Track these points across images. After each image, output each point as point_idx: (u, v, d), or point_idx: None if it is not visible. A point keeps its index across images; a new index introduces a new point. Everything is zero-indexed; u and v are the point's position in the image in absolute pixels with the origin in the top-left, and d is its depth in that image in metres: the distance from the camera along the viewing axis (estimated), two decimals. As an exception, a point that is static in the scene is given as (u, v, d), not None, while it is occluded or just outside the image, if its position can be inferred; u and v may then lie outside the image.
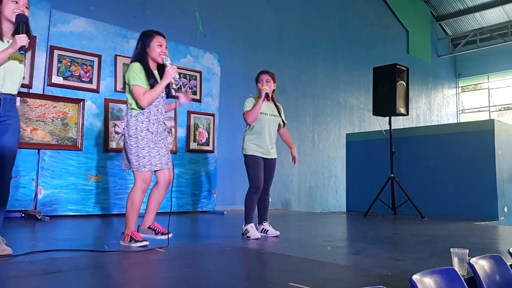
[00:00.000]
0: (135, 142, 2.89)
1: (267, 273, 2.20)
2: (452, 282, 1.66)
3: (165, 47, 3.11)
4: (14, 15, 2.38)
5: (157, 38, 3.12)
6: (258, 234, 3.53)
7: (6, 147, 2.44)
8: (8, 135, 2.45)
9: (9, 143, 2.46)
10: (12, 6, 2.39)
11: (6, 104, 2.43)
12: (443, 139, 6.26)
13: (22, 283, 1.90)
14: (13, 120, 2.48)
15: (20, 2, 2.41)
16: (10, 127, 2.46)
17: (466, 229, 4.41)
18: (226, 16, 7.69)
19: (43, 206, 4.71)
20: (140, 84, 2.91)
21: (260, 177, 3.64)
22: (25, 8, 2.44)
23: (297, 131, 8.88)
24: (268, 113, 3.74)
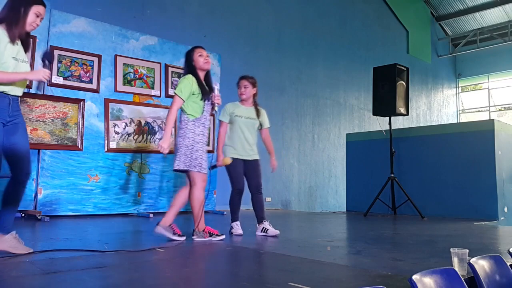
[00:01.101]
0: (191, 144, 3.19)
1: (267, 273, 2.20)
2: (452, 282, 1.66)
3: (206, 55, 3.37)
4: (31, 27, 2.53)
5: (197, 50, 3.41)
6: (240, 230, 3.65)
7: (19, 144, 2.52)
8: (19, 134, 2.53)
9: (22, 141, 2.54)
10: (33, 18, 2.52)
11: (14, 104, 2.52)
12: (443, 139, 6.26)
13: (22, 283, 1.90)
14: (21, 118, 2.57)
15: (40, 16, 2.55)
16: (19, 126, 2.54)
17: (466, 229, 4.41)
18: (226, 16, 7.69)
19: (43, 206, 4.71)
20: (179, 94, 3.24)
21: (239, 179, 3.71)
22: (40, 20, 2.58)
23: (297, 131, 8.88)
24: (243, 116, 3.79)
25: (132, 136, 5.52)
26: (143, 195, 5.51)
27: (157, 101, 5.84)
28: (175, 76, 6.09)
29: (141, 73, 5.74)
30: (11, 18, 2.46)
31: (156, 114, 5.77)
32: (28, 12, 2.50)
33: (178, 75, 6.13)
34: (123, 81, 5.55)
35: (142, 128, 5.63)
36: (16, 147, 2.50)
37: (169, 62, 6.06)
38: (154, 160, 5.66)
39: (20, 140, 2.52)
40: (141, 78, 5.73)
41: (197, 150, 3.20)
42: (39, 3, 2.54)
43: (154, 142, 5.71)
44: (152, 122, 5.73)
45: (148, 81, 5.79)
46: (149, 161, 5.63)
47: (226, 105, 3.83)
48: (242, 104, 3.84)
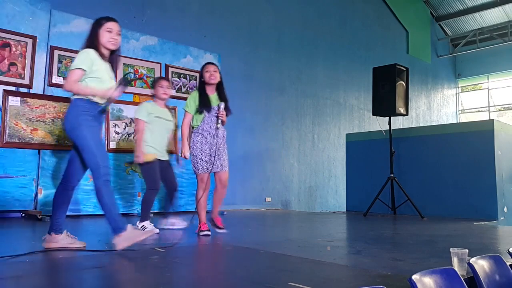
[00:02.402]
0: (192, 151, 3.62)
1: (267, 273, 2.20)
2: (452, 282, 1.66)
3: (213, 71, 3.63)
4: (110, 43, 2.75)
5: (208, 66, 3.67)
6: (155, 229, 3.64)
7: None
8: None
9: None
10: (107, 36, 2.74)
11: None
12: (443, 139, 6.26)
13: (22, 283, 1.90)
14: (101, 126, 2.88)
15: (114, 31, 2.76)
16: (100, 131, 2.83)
17: (466, 229, 4.41)
18: (226, 16, 7.69)
19: (44, 206, 4.71)
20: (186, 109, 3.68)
21: (158, 178, 3.85)
22: (118, 35, 2.78)
23: (297, 131, 8.88)
24: (162, 117, 3.88)
25: (132, 136, 5.53)
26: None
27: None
28: (175, 76, 6.10)
29: (141, 73, 5.74)
30: (91, 43, 2.74)
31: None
32: (99, 33, 2.74)
33: (178, 75, 6.14)
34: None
35: (142, 128, 5.62)
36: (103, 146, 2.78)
37: (169, 62, 6.06)
38: (154, 160, 5.66)
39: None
40: (141, 78, 5.74)
41: (195, 155, 3.59)
42: (107, 20, 2.78)
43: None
44: (152, 122, 5.73)
45: (148, 81, 5.79)
46: (149, 161, 5.63)
47: (145, 104, 3.92)
48: (158, 104, 3.91)
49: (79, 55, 2.70)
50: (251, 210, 7.10)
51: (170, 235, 3.53)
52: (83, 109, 2.66)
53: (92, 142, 2.63)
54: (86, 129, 2.63)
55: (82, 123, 2.63)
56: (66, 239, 2.71)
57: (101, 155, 2.66)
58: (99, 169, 2.62)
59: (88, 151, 2.63)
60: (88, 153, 2.64)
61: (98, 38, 2.75)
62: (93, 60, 2.68)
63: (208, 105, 3.58)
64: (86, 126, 2.64)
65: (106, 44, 2.75)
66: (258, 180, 7.92)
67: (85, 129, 2.63)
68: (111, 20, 2.79)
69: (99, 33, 2.76)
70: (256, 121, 7.98)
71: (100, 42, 2.75)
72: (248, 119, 7.80)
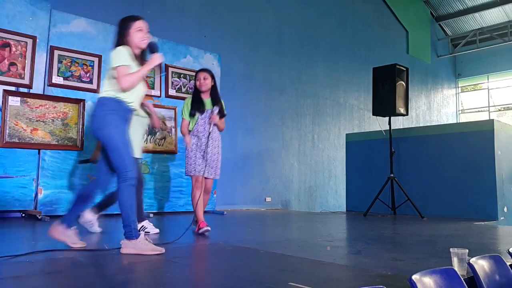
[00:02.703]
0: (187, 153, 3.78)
1: (267, 273, 2.20)
2: (451, 282, 1.66)
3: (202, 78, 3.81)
4: (143, 42, 2.72)
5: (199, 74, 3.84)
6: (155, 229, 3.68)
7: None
8: None
9: None
10: (139, 35, 2.71)
11: None
12: (443, 139, 6.26)
13: (22, 283, 1.90)
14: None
15: (144, 29, 2.73)
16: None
17: (466, 229, 4.41)
18: (226, 16, 7.69)
19: (44, 206, 4.71)
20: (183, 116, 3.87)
21: None
22: (148, 33, 2.76)
23: (297, 131, 8.88)
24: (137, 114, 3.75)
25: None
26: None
27: (157, 101, 5.84)
28: (175, 76, 6.10)
29: (141, 73, 5.74)
30: (122, 42, 2.67)
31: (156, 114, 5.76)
32: (129, 33, 2.68)
33: (178, 75, 6.14)
34: (123, 81, 5.56)
35: (142, 128, 5.62)
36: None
37: (169, 62, 6.06)
38: (154, 160, 5.66)
39: None
40: (141, 78, 5.73)
41: (190, 157, 3.75)
42: (135, 19, 2.73)
43: (154, 142, 5.71)
44: (152, 122, 5.73)
45: (148, 81, 5.79)
46: (149, 161, 5.64)
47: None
48: None
49: (117, 53, 2.62)
50: (251, 210, 7.10)
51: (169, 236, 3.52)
52: (110, 107, 2.60)
53: (120, 143, 2.58)
54: (114, 130, 2.57)
55: (109, 123, 2.57)
56: (71, 237, 2.69)
57: (128, 157, 2.60)
58: (126, 172, 2.58)
59: (115, 152, 2.58)
60: (115, 154, 2.59)
61: (130, 39, 2.69)
62: (130, 57, 2.65)
63: (201, 108, 3.74)
64: (113, 126, 2.57)
65: (139, 44, 2.71)
66: (258, 180, 7.92)
67: (113, 129, 2.57)
68: (139, 19, 2.74)
69: (130, 33, 2.69)
70: (256, 121, 7.99)
71: (132, 42, 2.69)
72: (248, 119, 7.80)
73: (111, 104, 2.61)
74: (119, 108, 2.62)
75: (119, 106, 2.62)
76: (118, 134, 2.58)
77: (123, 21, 2.73)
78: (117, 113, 2.61)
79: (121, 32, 2.71)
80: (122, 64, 2.59)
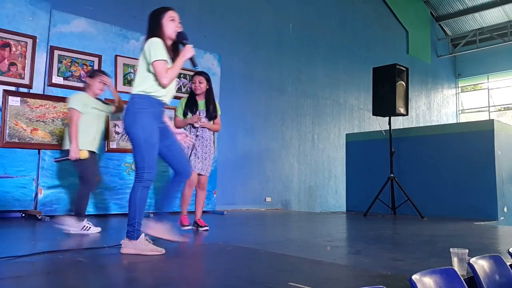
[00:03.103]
0: None
1: (267, 273, 2.20)
2: (451, 282, 1.66)
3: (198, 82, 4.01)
4: (175, 32, 2.67)
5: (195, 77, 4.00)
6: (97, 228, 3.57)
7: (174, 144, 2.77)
8: (172, 135, 2.78)
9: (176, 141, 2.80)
10: (172, 25, 2.67)
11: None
12: (443, 139, 6.26)
13: (22, 283, 1.90)
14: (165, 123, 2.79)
15: (176, 19, 2.69)
16: (169, 128, 2.79)
17: (466, 229, 4.41)
18: (226, 16, 7.69)
19: (44, 206, 4.71)
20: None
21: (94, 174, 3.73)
22: (180, 23, 2.72)
23: (297, 131, 8.88)
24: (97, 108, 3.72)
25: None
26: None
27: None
28: (175, 76, 6.09)
29: (141, 73, 5.74)
30: (155, 34, 2.61)
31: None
32: (162, 23, 2.64)
33: (178, 75, 6.13)
34: (124, 81, 5.56)
35: (142, 128, 5.63)
36: (172, 147, 2.75)
37: (169, 62, 6.05)
38: (154, 160, 5.66)
39: (174, 141, 2.77)
40: (141, 78, 5.73)
41: None
42: (167, 9, 2.69)
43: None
44: (152, 122, 5.73)
45: (148, 81, 5.79)
46: (149, 161, 5.63)
47: (80, 95, 3.69)
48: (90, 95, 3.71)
49: (153, 46, 2.57)
50: (251, 210, 7.10)
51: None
52: (140, 106, 2.59)
53: (144, 143, 2.57)
54: (141, 129, 2.56)
55: (137, 122, 2.56)
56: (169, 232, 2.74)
57: (149, 159, 2.58)
58: (143, 173, 2.58)
59: (138, 151, 2.58)
60: (137, 153, 2.59)
61: (163, 30, 2.64)
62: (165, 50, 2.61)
63: (194, 108, 3.94)
64: (141, 126, 2.56)
65: (172, 35, 2.67)
66: (258, 180, 7.92)
67: (140, 129, 2.56)
68: (171, 9, 2.70)
69: (163, 23, 2.64)
70: (256, 121, 7.99)
71: (165, 33, 2.64)
72: (248, 119, 7.81)
73: (141, 102, 2.59)
74: (150, 105, 2.60)
75: (150, 103, 2.60)
76: (145, 134, 2.56)
77: (155, 12, 2.69)
78: (148, 111, 2.59)
79: (153, 23, 2.66)
80: (160, 59, 2.55)
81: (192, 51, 2.68)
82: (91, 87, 3.67)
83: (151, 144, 2.58)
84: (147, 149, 2.57)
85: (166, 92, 2.67)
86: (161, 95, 2.64)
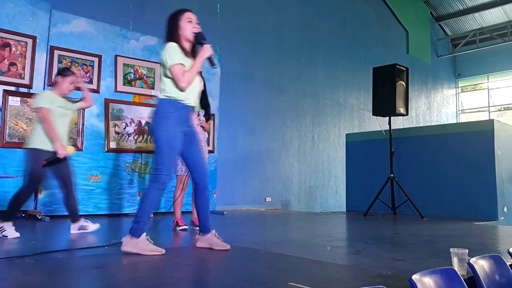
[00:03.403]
0: None
1: (267, 273, 2.20)
2: (451, 282, 1.66)
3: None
4: (193, 34, 2.70)
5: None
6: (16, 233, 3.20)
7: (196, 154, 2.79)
8: (196, 145, 2.80)
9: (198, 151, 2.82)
10: (190, 26, 2.70)
11: (190, 115, 2.77)
12: (443, 139, 6.26)
13: (22, 283, 1.90)
14: (195, 130, 2.84)
15: (194, 20, 2.73)
16: (195, 137, 2.81)
17: (466, 229, 4.41)
18: (226, 16, 7.69)
19: (44, 206, 4.71)
20: None
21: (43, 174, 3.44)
22: (197, 24, 2.75)
23: (297, 131, 8.88)
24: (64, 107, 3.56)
25: (132, 136, 5.53)
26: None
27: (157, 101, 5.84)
28: (175, 76, 6.09)
29: (141, 73, 5.75)
30: (171, 38, 2.67)
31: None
32: (179, 25, 2.68)
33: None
34: (123, 81, 5.56)
35: (142, 128, 5.63)
36: (194, 155, 2.78)
37: (169, 62, 6.05)
38: (154, 160, 5.66)
39: (197, 149, 2.80)
40: (141, 78, 5.74)
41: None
42: (184, 10, 2.75)
43: (154, 142, 5.71)
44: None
45: (148, 81, 5.79)
46: (149, 161, 5.64)
47: (46, 93, 3.57)
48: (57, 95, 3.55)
49: (168, 51, 2.62)
50: (251, 210, 7.11)
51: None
52: (164, 110, 2.65)
53: (166, 146, 2.62)
54: (164, 132, 2.62)
55: (161, 125, 2.63)
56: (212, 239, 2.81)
57: (168, 162, 2.63)
58: (160, 175, 2.61)
59: (159, 154, 2.63)
60: (158, 155, 2.64)
61: (180, 31, 2.68)
62: (181, 53, 2.65)
63: None
64: (164, 129, 2.62)
65: (190, 36, 2.70)
66: (258, 180, 7.92)
67: (163, 132, 2.62)
68: (187, 10, 2.76)
69: (180, 25, 2.69)
70: (256, 121, 7.99)
71: (183, 35, 2.69)
72: (248, 119, 7.81)
73: (165, 107, 2.66)
74: (175, 109, 2.65)
75: (174, 107, 2.65)
76: (167, 137, 2.62)
77: (172, 15, 2.74)
78: (172, 116, 2.64)
79: (171, 26, 2.71)
80: (176, 63, 2.60)
81: (210, 51, 2.71)
82: (61, 85, 3.53)
83: (172, 148, 2.64)
84: (168, 152, 2.63)
85: (188, 95, 2.70)
86: (184, 99, 2.69)
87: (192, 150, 2.77)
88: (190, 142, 2.76)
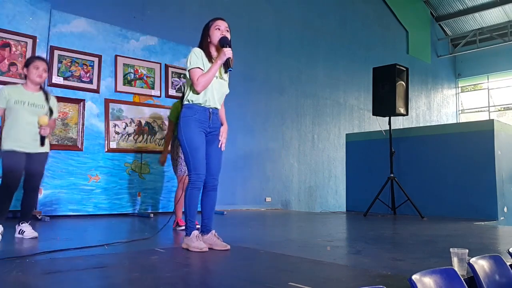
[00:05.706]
0: None
1: (267, 273, 2.20)
2: (451, 282, 1.66)
3: None
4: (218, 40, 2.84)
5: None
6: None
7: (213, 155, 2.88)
8: (215, 146, 2.89)
9: (216, 153, 2.90)
10: (217, 33, 2.85)
11: (214, 117, 2.87)
12: (443, 139, 6.26)
13: (22, 283, 1.90)
14: (219, 132, 2.93)
15: (222, 27, 2.88)
16: (216, 139, 2.91)
17: (466, 229, 4.41)
18: (226, 16, 7.65)
19: (44, 206, 4.71)
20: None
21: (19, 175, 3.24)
22: (227, 31, 2.90)
23: (297, 131, 8.88)
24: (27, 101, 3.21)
25: (132, 136, 5.53)
26: (143, 195, 5.52)
27: (157, 101, 5.85)
28: (175, 76, 6.10)
29: (141, 73, 5.75)
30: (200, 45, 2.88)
31: (156, 114, 5.77)
32: (209, 33, 2.86)
33: (178, 75, 6.15)
34: (123, 81, 5.56)
35: (142, 128, 5.63)
36: (211, 154, 2.87)
37: (169, 62, 6.06)
38: (154, 160, 5.66)
39: (215, 150, 2.89)
40: (141, 78, 5.74)
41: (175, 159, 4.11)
42: (215, 19, 2.91)
43: (154, 142, 5.71)
44: (152, 122, 5.74)
45: (148, 81, 5.79)
46: (149, 161, 5.64)
47: (2, 89, 3.25)
48: (29, 88, 3.26)
49: (189, 56, 2.80)
50: (251, 210, 7.11)
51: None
52: (186, 114, 2.81)
53: (188, 147, 2.77)
54: (185, 135, 2.78)
55: (184, 128, 2.79)
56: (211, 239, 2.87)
57: (194, 161, 2.77)
58: (190, 175, 2.79)
59: (185, 156, 2.80)
60: (185, 157, 2.81)
61: (208, 38, 2.85)
62: (202, 59, 2.79)
63: None
64: (186, 132, 2.78)
65: (216, 42, 2.85)
66: (258, 180, 7.92)
67: (184, 134, 2.78)
68: (219, 18, 2.91)
69: (210, 33, 2.86)
70: (256, 121, 7.99)
71: (211, 41, 2.86)
72: (248, 119, 7.81)
73: (187, 111, 2.81)
74: (193, 113, 2.79)
75: (193, 111, 2.80)
76: (187, 139, 2.77)
77: (206, 24, 2.90)
78: (192, 119, 2.79)
79: (203, 33, 2.90)
80: (193, 67, 2.76)
81: (228, 54, 2.80)
82: (28, 76, 3.23)
83: (194, 148, 2.77)
84: (191, 152, 2.77)
85: (205, 97, 2.82)
86: (203, 102, 2.82)
87: (209, 149, 2.88)
88: (210, 142, 2.88)
